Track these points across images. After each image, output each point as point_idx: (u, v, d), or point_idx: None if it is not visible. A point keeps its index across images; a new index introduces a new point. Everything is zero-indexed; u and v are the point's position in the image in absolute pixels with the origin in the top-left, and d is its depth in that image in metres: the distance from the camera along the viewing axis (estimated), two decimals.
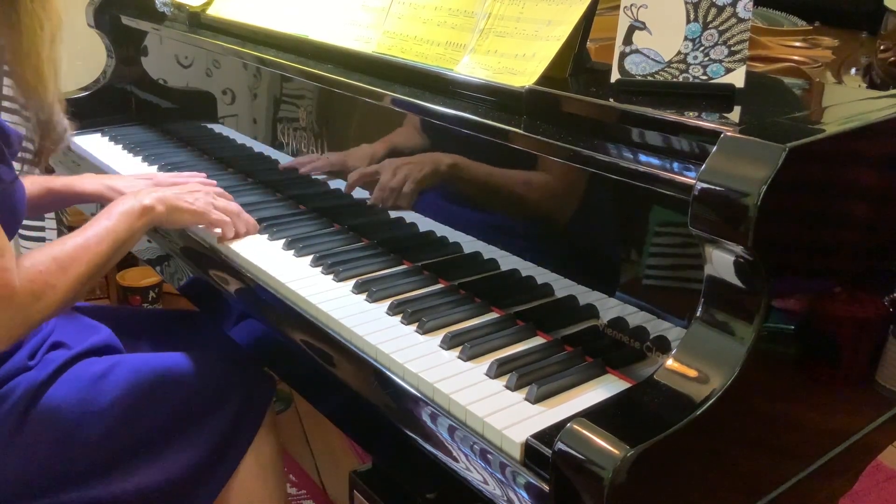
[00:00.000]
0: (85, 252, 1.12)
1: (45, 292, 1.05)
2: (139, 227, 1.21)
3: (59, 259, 1.09)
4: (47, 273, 1.06)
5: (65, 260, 1.09)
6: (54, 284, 1.06)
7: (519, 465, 0.82)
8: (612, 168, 0.91)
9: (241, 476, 1.25)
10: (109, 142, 1.88)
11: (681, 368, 0.79)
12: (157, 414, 1.20)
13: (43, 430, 1.14)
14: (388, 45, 1.27)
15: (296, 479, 1.99)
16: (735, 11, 0.94)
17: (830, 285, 0.91)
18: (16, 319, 1.03)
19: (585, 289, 1.01)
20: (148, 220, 1.22)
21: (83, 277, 1.11)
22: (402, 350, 1.01)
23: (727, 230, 0.76)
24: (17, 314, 1.03)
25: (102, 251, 1.14)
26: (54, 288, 1.06)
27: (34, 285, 1.04)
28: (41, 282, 1.05)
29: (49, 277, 1.06)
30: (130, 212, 1.19)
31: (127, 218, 1.19)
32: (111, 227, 1.16)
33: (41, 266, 1.06)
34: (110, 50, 2.04)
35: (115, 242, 1.16)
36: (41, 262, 1.07)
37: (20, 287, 1.02)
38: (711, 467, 0.82)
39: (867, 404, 1.05)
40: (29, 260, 1.06)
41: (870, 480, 1.97)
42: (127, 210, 1.19)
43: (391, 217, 1.28)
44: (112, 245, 1.15)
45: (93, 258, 1.12)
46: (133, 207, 1.20)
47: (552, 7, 1.08)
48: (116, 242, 1.16)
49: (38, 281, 1.05)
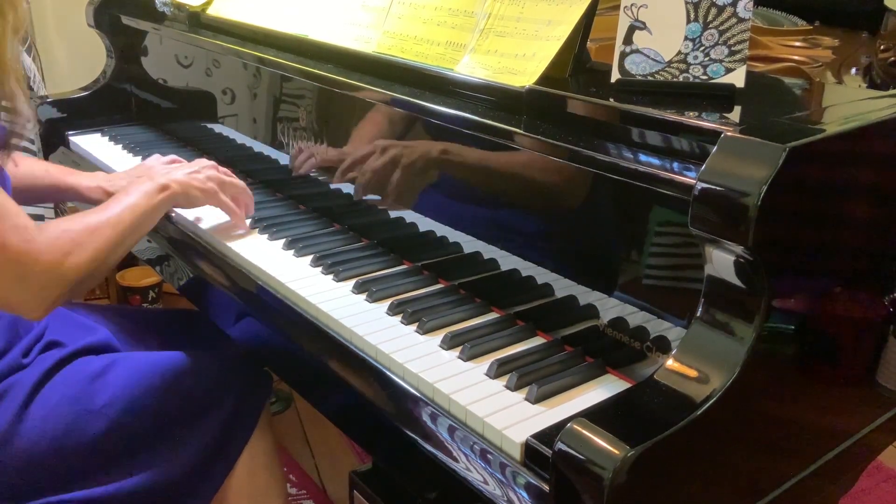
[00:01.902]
0: (110, 217, 1.14)
1: (73, 250, 1.06)
2: (157, 203, 1.24)
3: (86, 222, 1.11)
4: (73, 232, 1.08)
5: (91, 223, 1.11)
6: (81, 243, 1.07)
7: (519, 465, 0.82)
8: (612, 168, 0.91)
9: (238, 475, 1.26)
10: (109, 142, 1.88)
11: (681, 368, 0.79)
12: (154, 413, 1.20)
13: (39, 429, 1.14)
14: (388, 45, 1.27)
15: (296, 479, 1.99)
16: (735, 11, 0.94)
17: (830, 285, 0.91)
18: (48, 277, 1.03)
19: (585, 289, 1.01)
20: (166, 196, 1.25)
21: (111, 241, 1.12)
22: (402, 350, 1.01)
23: (727, 230, 0.76)
24: (48, 270, 1.03)
25: (126, 220, 1.16)
26: (82, 246, 1.07)
27: (60, 242, 1.05)
28: (67, 240, 1.06)
29: (75, 236, 1.07)
30: (149, 190, 1.23)
31: (146, 195, 1.22)
32: (132, 202, 1.19)
33: (66, 227, 1.08)
34: (110, 50, 2.04)
35: (139, 216, 1.19)
36: (66, 224, 1.09)
37: (45, 245, 1.03)
38: (711, 467, 0.82)
39: (867, 404, 1.05)
40: (52, 224, 1.08)
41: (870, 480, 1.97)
42: (146, 189, 1.23)
43: (391, 217, 1.28)
44: (135, 216, 1.18)
45: (118, 225, 1.14)
46: (150, 187, 1.24)
47: (552, 7, 1.08)
48: (139, 215, 1.19)
49: (63, 239, 1.06)
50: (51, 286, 1.05)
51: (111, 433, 1.17)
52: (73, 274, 1.06)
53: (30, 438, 1.13)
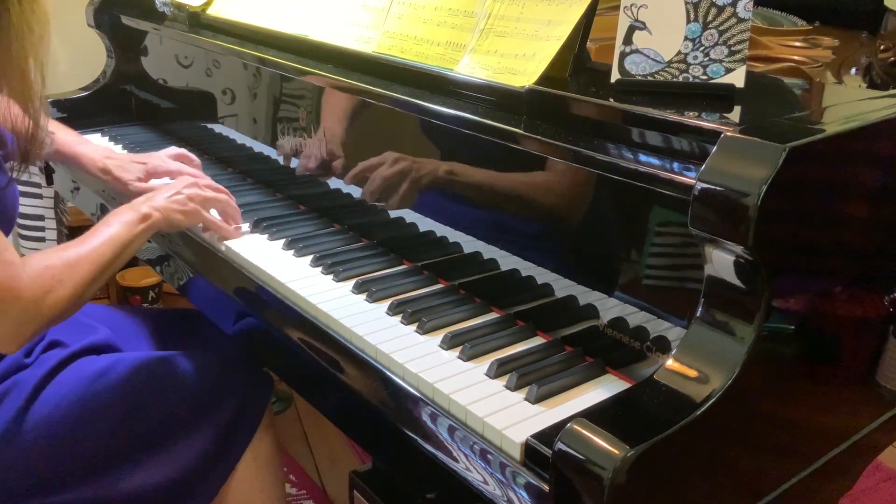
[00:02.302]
0: (90, 252, 1.14)
1: (54, 287, 1.07)
2: (139, 233, 1.23)
3: (66, 258, 1.11)
4: (54, 269, 1.08)
5: (71, 258, 1.11)
6: (62, 279, 1.08)
7: (519, 465, 0.82)
8: (612, 168, 0.91)
9: (240, 475, 1.26)
10: (109, 142, 1.88)
11: (681, 368, 0.79)
12: (156, 413, 1.20)
13: (41, 429, 1.14)
14: (388, 45, 1.27)
15: (296, 479, 1.99)
16: (735, 11, 0.94)
17: (830, 285, 0.91)
18: (27, 314, 1.04)
19: (585, 289, 1.01)
20: (146, 226, 1.24)
21: (90, 276, 1.12)
22: (402, 350, 1.01)
23: (727, 230, 0.76)
24: (27, 308, 1.04)
25: (107, 251, 1.16)
26: (62, 283, 1.08)
27: (42, 280, 1.06)
28: (48, 276, 1.07)
29: (56, 272, 1.08)
30: (130, 221, 1.22)
31: (127, 226, 1.21)
32: (113, 233, 1.19)
33: (47, 262, 1.08)
34: (110, 50, 2.04)
35: (119, 246, 1.18)
36: (47, 260, 1.09)
37: (28, 282, 1.04)
38: (711, 467, 0.82)
39: (867, 404, 1.05)
40: (35, 259, 1.08)
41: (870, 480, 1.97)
42: (126, 220, 1.22)
43: (391, 217, 1.28)
44: (115, 248, 1.17)
45: (98, 258, 1.14)
46: (132, 217, 1.23)
47: (552, 7, 1.08)
48: (120, 246, 1.18)
49: (45, 276, 1.06)
50: (28, 322, 1.06)
51: (113, 434, 1.17)
52: (51, 311, 1.07)
53: (31, 438, 1.14)
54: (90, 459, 1.16)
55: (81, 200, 1.81)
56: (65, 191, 1.92)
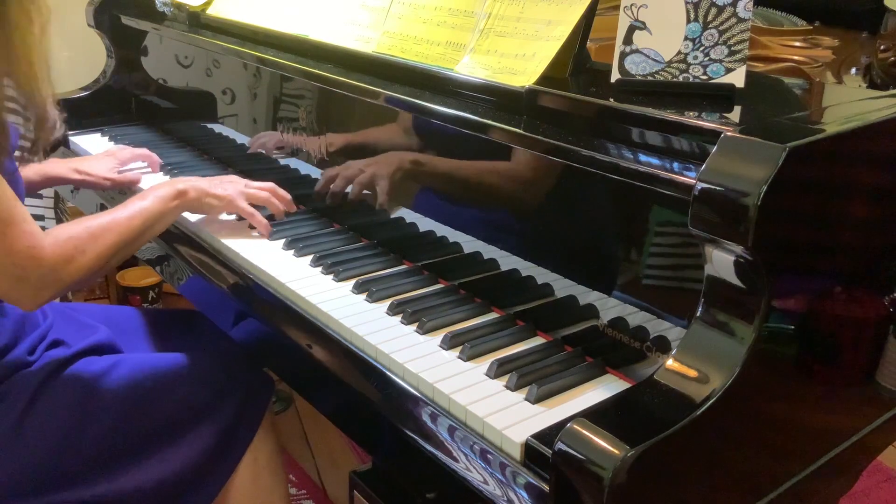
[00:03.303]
0: (116, 224, 1.18)
1: (75, 256, 1.11)
2: (171, 209, 1.27)
3: (91, 227, 1.15)
4: (77, 238, 1.12)
5: (96, 229, 1.15)
6: (84, 249, 1.12)
7: (519, 465, 0.82)
8: (612, 168, 0.91)
9: (240, 476, 1.26)
10: (109, 142, 1.88)
11: (681, 368, 0.79)
12: (156, 413, 1.20)
13: (42, 428, 1.14)
14: (388, 45, 1.27)
15: (296, 479, 1.99)
16: (735, 11, 0.94)
17: (830, 285, 0.91)
18: (47, 279, 1.09)
19: (585, 289, 1.01)
20: (180, 203, 1.29)
21: (114, 247, 1.16)
22: (402, 350, 1.01)
23: (727, 230, 0.76)
24: (47, 274, 1.08)
25: (134, 226, 1.20)
26: (84, 252, 1.12)
27: (64, 248, 1.10)
28: (71, 246, 1.11)
29: (79, 242, 1.12)
30: (165, 195, 1.27)
31: (160, 200, 1.25)
32: (145, 206, 1.23)
33: (72, 232, 1.13)
34: (110, 50, 2.04)
35: (148, 220, 1.23)
36: (72, 229, 1.13)
37: (50, 249, 1.08)
38: (711, 467, 0.82)
39: (867, 404, 1.05)
40: (59, 228, 1.13)
41: (870, 480, 1.97)
42: (161, 194, 1.26)
43: (391, 217, 1.28)
44: (144, 222, 1.22)
45: (124, 230, 1.18)
46: (167, 192, 1.27)
47: (552, 7, 1.08)
48: (148, 220, 1.23)
49: (67, 245, 1.11)
50: (48, 287, 1.10)
51: (114, 434, 1.17)
52: (70, 278, 1.11)
53: (32, 437, 1.14)
54: (91, 459, 1.16)
55: (81, 200, 1.81)
56: (65, 191, 1.93)
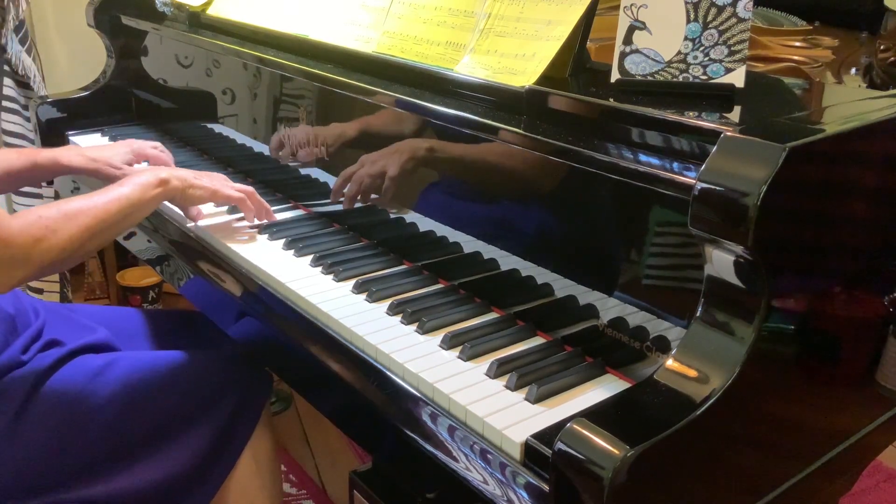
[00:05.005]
0: (92, 207, 1.14)
1: (46, 236, 1.07)
2: (152, 197, 1.23)
3: (64, 209, 1.11)
4: (48, 218, 1.08)
5: (70, 210, 1.11)
6: (56, 229, 1.08)
7: (519, 465, 0.82)
8: (612, 168, 0.91)
9: (239, 474, 1.26)
10: (109, 142, 1.88)
11: (681, 368, 0.79)
12: (154, 412, 1.20)
13: (39, 427, 1.14)
14: (388, 45, 1.27)
15: (296, 479, 1.99)
16: (735, 11, 0.94)
17: (830, 285, 0.91)
18: (16, 261, 1.05)
19: (585, 289, 1.01)
20: (162, 191, 1.25)
21: (88, 230, 1.12)
22: (402, 350, 1.01)
23: (727, 230, 0.76)
24: (16, 255, 1.04)
25: (111, 210, 1.16)
26: (55, 232, 1.08)
27: (33, 228, 1.06)
28: (41, 226, 1.07)
29: (50, 223, 1.08)
30: (146, 183, 1.23)
31: (141, 187, 1.22)
32: (123, 193, 1.19)
33: (43, 212, 1.09)
34: (110, 50, 2.04)
35: (126, 207, 1.19)
36: (44, 210, 1.10)
37: (18, 229, 1.04)
38: (711, 467, 0.82)
39: (867, 404, 1.05)
40: (30, 210, 1.09)
41: (870, 480, 1.97)
42: (143, 181, 1.23)
43: (391, 217, 1.28)
44: (122, 208, 1.18)
45: (100, 213, 1.14)
46: (149, 179, 1.24)
47: (552, 7, 1.08)
48: (127, 207, 1.19)
49: (37, 225, 1.07)
50: (17, 267, 1.06)
51: (110, 432, 1.17)
52: (41, 258, 1.07)
53: (29, 437, 1.13)
54: (88, 458, 1.16)
55: None
56: (65, 191, 1.93)
